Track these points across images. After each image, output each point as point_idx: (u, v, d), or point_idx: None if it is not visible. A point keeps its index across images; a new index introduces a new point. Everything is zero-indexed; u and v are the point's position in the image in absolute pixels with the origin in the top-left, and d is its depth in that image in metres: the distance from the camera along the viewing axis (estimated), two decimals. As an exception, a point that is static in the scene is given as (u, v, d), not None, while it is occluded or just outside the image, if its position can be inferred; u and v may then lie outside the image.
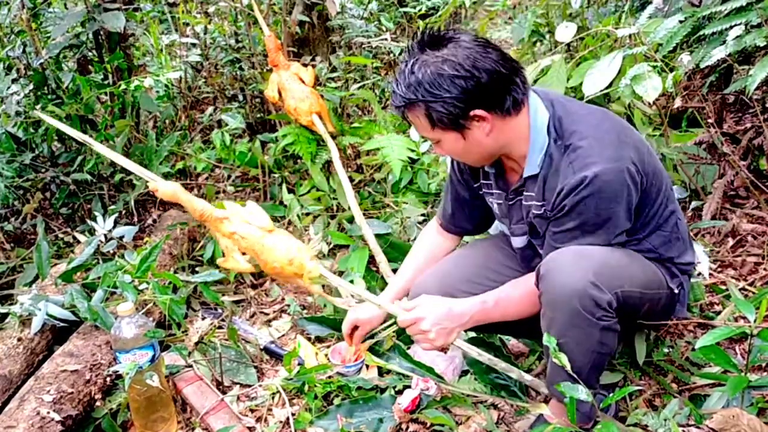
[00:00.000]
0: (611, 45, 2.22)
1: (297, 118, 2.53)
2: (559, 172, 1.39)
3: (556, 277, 1.36)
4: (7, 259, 2.33)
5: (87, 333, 1.82)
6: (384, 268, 2.17)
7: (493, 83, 1.34)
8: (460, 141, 1.41)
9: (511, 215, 1.57)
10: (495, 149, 1.45)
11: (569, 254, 1.38)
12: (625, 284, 1.39)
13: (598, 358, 1.41)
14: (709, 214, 2.30)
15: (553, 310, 1.38)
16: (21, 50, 2.65)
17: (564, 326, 1.36)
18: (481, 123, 1.37)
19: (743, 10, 1.95)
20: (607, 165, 1.34)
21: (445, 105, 1.34)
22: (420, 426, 1.68)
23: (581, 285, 1.33)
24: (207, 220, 1.45)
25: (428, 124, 1.39)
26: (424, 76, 1.34)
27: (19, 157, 2.51)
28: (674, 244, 1.54)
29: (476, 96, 1.34)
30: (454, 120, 1.36)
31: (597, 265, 1.35)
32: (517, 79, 1.38)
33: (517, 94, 1.38)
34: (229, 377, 1.90)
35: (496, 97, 1.36)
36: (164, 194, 1.43)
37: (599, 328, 1.36)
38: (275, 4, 2.98)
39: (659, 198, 1.48)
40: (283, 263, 1.43)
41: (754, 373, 1.72)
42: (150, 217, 2.73)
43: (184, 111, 3.28)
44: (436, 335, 1.44)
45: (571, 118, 1.41)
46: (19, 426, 1.47)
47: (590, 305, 1.33)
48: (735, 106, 2.96)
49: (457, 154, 1.48)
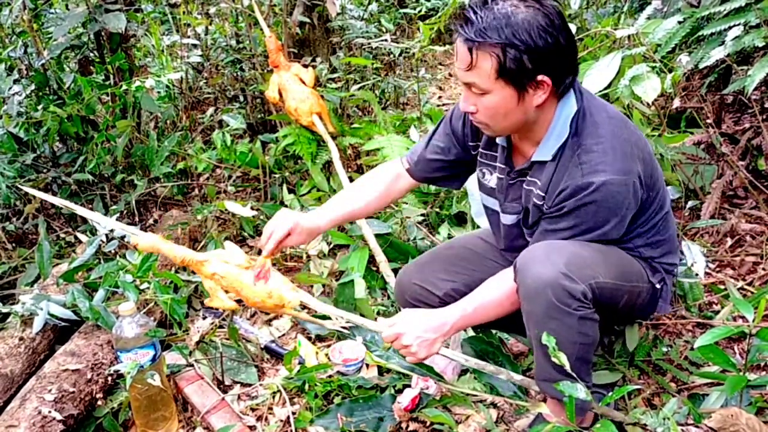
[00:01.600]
0: (610, 46, 2.23)
1: (297, 119, 2.53)
2: (567, 169, 1.39)
3: (529, 270, 1.37)
4: (9, 259, 2.34)
5: (88, 332, 1.83)
6: (384, 268, 2.18)
7: (569, 53, 1.33)
8: (513, 101, 1.34)
9: (507, 193, 1.56)
10: (525, 124, 1.41)
11: (541, 247, 1.39)
12: (598, 275, 1.38)
13: (582, 348, 1.41)
14: (707, 214, 2.31)
15: (530, 303, 1.39)
16: (22, 51, 2.66)
17: (541, 318, 1.37)
18: (538, 92, 1.34)
19: (742, 11, 1.95)
20: (616, 176, 1.34)
21: (523, 55, 1.27)
22: (420, 425, 1.68)
23: (553, 276, 1.33)
24: (189, 264, 1.50)
25: (494, 72, 1.30)
26: (514, 18, 1.27)
27: (20, 157, 2.52)
28: (657, 245, 1.54)
29: (552, 58, 1.30)
30: (521, 75, 1.30)
31: (568, 256, 1.35)
32: (577, 66, 1.38)
33: (573, 80, 1.38)
34: (230, 376, 1.91)
35: (564, 70, 1.34)
36: (144, 247, 1.50)
37: (576, 318, 1.36)
38: (276, 5, 2.98)
39: (652, 207, 1.49)
40: (263, 297, 1.48)
41: (753, 373, 1.73)
42: (151, 217, 2.74)
43: (185, 111, 3.29)
44: (418, 348, 1.43)
45: (593, 119, 1.40)
46: (21, 425, 1.48)
47: (564, 296, 1.34)
48: (734, 107, 2.96)
49: (496, 114, 1.38)
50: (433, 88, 4.66)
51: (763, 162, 2.47)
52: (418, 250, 2.37)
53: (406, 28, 4.87)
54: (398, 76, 4.27)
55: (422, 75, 4.21)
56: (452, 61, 5.47)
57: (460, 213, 2.57)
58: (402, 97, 3.92)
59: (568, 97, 1.41)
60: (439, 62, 5.40)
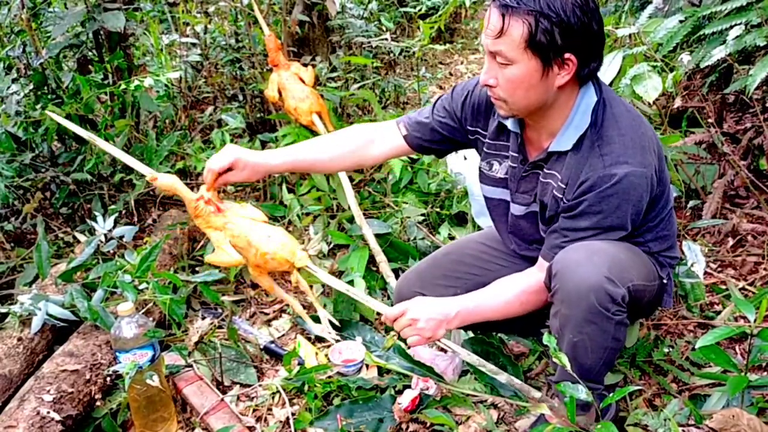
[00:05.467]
0: (611, 45, 2.23)
1: (297, 118, 2.53)
2: (587, 160, 1.38)
3: (570, 273, 1.35)
4: (7, 259, 2.33)
5: (87, 333, 1.82)
6: (384, 268, 2.17)
7: (598, 37, 1.33)
8: (536, 76, 1.32)
9: (519, 185, 1.54)
10: (542, 105, 1.39)
11: (581, 250, 1.37)
12: (634, 278, 1.39)
13: (611, 353, 1.41)
14: (709, 213, 2.30)
15: (569, 307, 1.36)
16: (21, 50, 2.65)
17: (580, 323, 1.35)
18: (562, 71, 1.33)
19: (743, 10, 1.95)
20: (637, 168, 1.34)
21: (555, 28, 1.27)
22: (420, 426, 1.68)
23: (596, 280, 1.32)
24: (200, 214, 1.46)
25: (523, 41, 1.29)
26: None
27: (19, 156, 2.51)
28: (664, 240, 1.55)
29: (582, 38, 1.30)
30: (550, 49, 1.29)
31: (609, 260, 1.34)
32: (602, 54, 1.37)
33: (597, 67, 1.38)
34: (229, 377, 1.91)
35: (591, 53, 1.33)
36: (162, 185, 1.45)
37: (614, 323, 1.35)
38: (275, 4, 2.98)
39: (661, 202, 1.49)
40: (276, 248, 1.44)
41: (754, 373, 1.72)
42: (150, 217, 2.73)
43: (184, 111, 3.28)
44: (426, 324, 1.43)
45: (613, 110, 1.40)
46: (19, 426, 1.47)
47: (606, 300, 1.33)
48: (735, 106, 2.96)
49: (517, 89, 1.35)
50: (434, 87, 4.65)
51: (764, 161, 2.47)
52: (418, 250, 2.36)
53: (407, 26, 4.86)
54: (398, 75, 4.27)
55: (422, 74, 4.21)
56: (452, 60, 5.49)
57: (461, 213, 2.56)
58: (402, 97, 3.91)
59: (588, 86, 1.40)
60: (440, 61, 5.40)
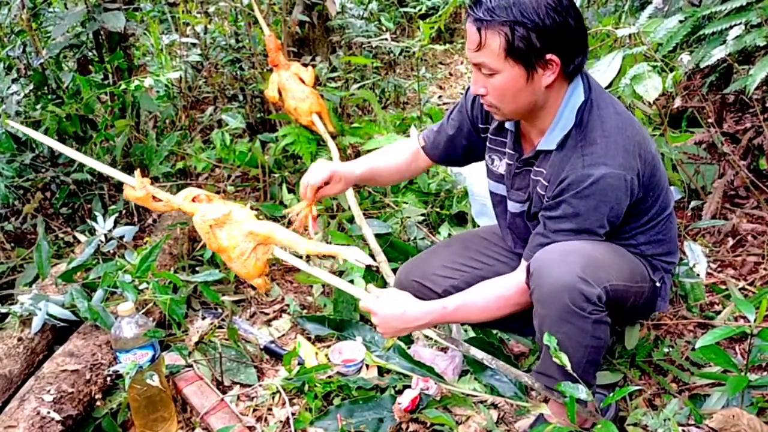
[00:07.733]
0: (611, 45, 2.23)
1: (297, 118, 2.53)
2: (569, 159, 1.39)
3: (544, 273, 1.36)
4: (8, 259, 2.33)
5: (87, 333, 1.82)
6: (384, 268, 2.17)
7: (578, 33, 1.34)
8: (521, 81, 1.35)
9: (514, 181, 1.56)
10: (533, 107, 1.41)
11: (557, 250, 1.38)
12: (612, 278, 1.39)
13: (593, 352, 1.41)
14: (709, 213, 2.30)
15: (544, 307, 1.38)
16: (21, 50, 2.65)
17: (555, 322, 1.36)
18: (547, 71, 1.35)
19: (743, 10, 1.95)
20: (616, 170, 1.35)
21: (531, 34, 1.29)
22: (420, 426, 1.68)
23: (570, 280, 1.33)
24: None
25: (502, 51, 1.32)
26: None
27: (19, 157, 2.51)
28: (659, 244, 1.55)
29: (560, 38, 1.31)
30: (530, 54, 1.32)
31: (584, 259, 1.35)
32: (587, 47, 1.38)
33: (583, 61, 1.38)
34: (229, 377, 1.91)
35: (573, 50, 1.35)
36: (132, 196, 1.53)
37: (591, 321, 1.36)
38: (275, 4, 2.98)
39: (654, 207, 1.49)
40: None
41: (754, 373, 1.72)
42: (150, 217, 2.73)
43: (184, 111, 3.28)
44: (384, 330, 1.47)
45: (600, 112, 1.41)
46: (20, 426, 1.47)
47: (580, 300, 1.33)
48: (735, 106, 2.96)
49: (505, 95, 1.39)
50: (434, 87, 4.65)
51: (764, 161, 2.47)
52: (418, 250, 2.36)
53: (407, 26, 4.86)
54: (398, 75, 4.27)
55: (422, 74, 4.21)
56: (452, 60, 5.49)
57: (461, 213, 2.56)
58: (402, 97, 3.92)
59: (576, 85, 1.41)
60: (440, 61, 5.39)
